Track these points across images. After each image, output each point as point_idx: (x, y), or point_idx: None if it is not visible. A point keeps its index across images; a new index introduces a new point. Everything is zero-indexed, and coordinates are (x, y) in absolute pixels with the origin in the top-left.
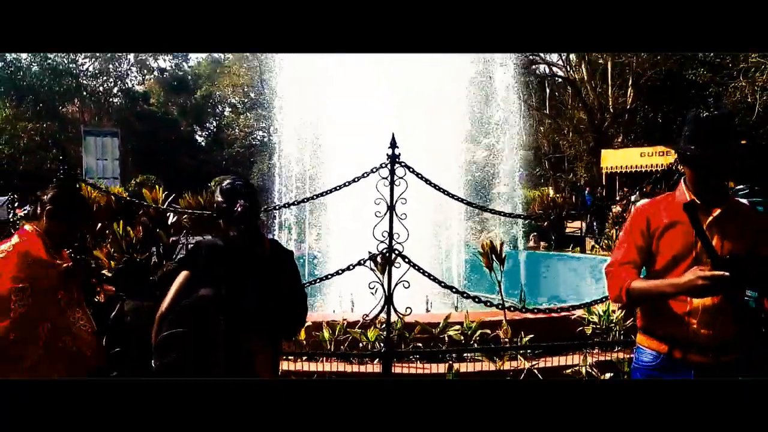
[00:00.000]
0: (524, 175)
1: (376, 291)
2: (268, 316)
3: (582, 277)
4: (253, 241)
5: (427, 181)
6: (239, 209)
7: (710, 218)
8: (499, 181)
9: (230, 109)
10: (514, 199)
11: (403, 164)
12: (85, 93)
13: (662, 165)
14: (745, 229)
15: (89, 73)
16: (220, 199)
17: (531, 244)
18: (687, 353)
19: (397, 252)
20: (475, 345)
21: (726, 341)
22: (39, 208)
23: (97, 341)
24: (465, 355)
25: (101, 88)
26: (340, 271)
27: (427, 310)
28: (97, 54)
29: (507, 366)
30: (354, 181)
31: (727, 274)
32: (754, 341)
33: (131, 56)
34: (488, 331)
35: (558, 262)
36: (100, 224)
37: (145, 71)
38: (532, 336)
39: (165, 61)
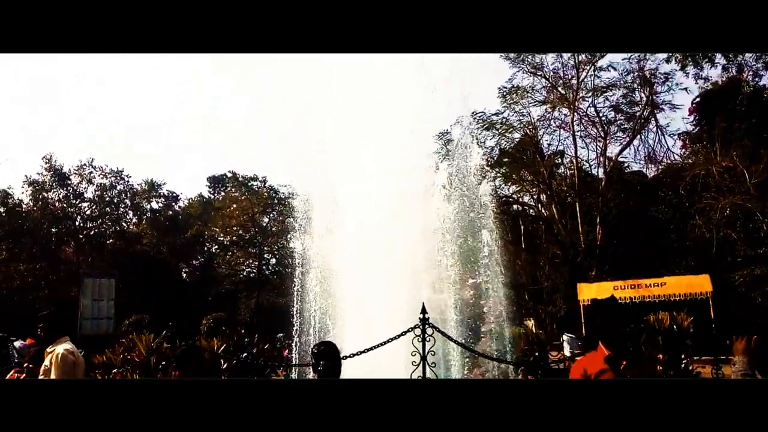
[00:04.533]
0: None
1: None
2: None
3: None
4: None
5: (449, 338)
6: (321, 369)
7: (623, 366)
8: (488, 320)
9: (217, 247)
10: (502, 336)
11: (431, 325)
12: (81, 236)
13: (634, 297)
14: (642, 369)
15: (86, 217)
16: (312, 358)
17: (520, 377)
18: None
19: None
20: None
21: None
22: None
23: None
24: None
25: (96, 231)
26: None
27: None
28: (97, 198)
29: None
30: (394, 338)
31: None
32: None
33: (128, 200)
34: None
35: None
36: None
37: (139, 212)
38: None
39: (157, 203)
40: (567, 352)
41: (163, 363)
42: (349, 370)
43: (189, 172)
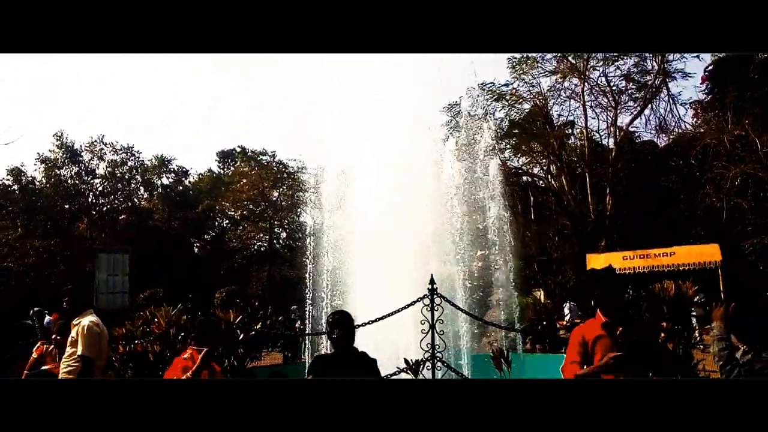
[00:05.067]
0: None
1: None
2: None
3: None
4: (348, 354)
5: (457, 306)
6: (335, 337)
7: (618, 332)
8: (496, 291)
9: (228, 221)
10: (510, 305)
11: (439, 295)
12: (94, 212)
13: (643, 267)
14: (637, 335)
15: (99, 193)
16: (327, 327)
17: (527, 346)
18: None
19: (438, 358)
20: None
21: None
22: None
23: None
24: None
25: (108, 207)
26: (392, 375)
27: None
28: (108, 175)
29: None
30: (404, 308)
31: (621, 354)
32: None
33: (138, 176)
34: None
35: (552, 362)
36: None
37: (150, 188)
38: None
39: (168, 179)
40: (567, 319)
41: (182, 334)
42: (362, 338)
43: (199, 147)
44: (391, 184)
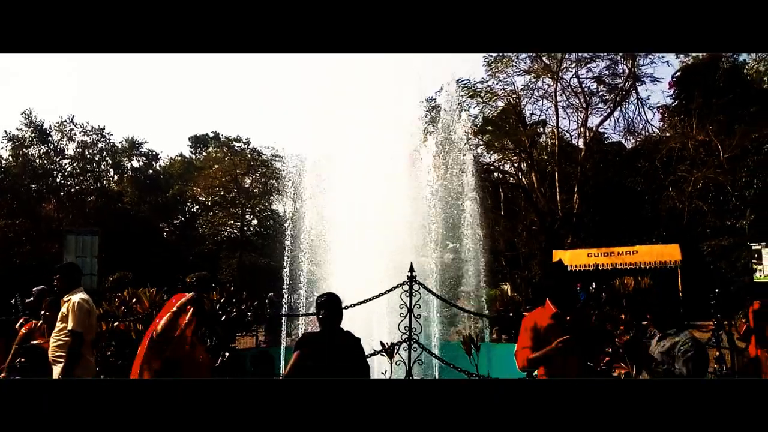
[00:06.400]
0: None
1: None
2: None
3: None
4: (334, 333)
5: (433, 293)
6: (321, 317)
7: (567, 320)
8: (466, 282)
9: (199, 207)
10: (479, 297)
11: (417, 281)
12: (62, 193)
13: (607, 264)
14: (584, 321)
15: (67, 174)
16: (316, 307)
17: (494, 336)
18: None
19: (414, 340)
20: None
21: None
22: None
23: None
24: None
25: (77, 188)
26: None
27: None
28: (78, 156)
29: None
30: (385, 293)
31: (569, 337)
32: None
33: (108, 158)
34: None
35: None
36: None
37: (120, 170)
38: None
39: (138, 162)
40: None
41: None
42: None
43: (170, 130)
44: (368, 174)
